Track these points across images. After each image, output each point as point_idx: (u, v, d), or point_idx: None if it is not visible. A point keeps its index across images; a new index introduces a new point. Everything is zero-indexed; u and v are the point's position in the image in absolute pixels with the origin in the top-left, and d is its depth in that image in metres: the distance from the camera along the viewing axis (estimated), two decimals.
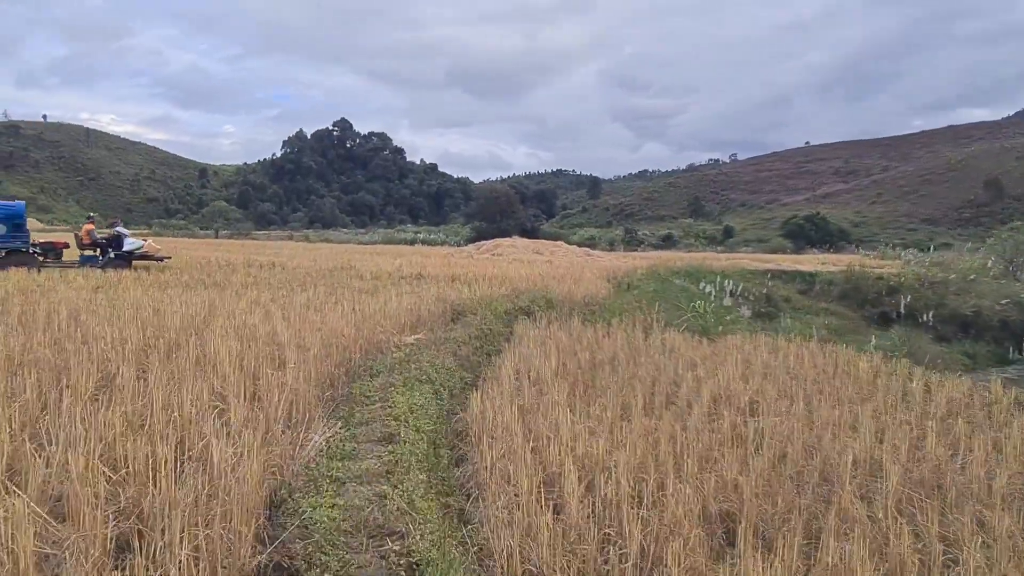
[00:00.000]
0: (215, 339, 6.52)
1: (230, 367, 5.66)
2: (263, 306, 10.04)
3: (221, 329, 7.34)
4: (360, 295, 12.10)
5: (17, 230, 18.81)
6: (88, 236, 20.34)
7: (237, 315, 8.51)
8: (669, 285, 21.36)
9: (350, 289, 13.59)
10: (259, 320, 8.20)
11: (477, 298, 12.06)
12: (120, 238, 20.43)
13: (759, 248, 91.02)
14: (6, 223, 18.57)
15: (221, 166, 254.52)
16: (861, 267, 33.31)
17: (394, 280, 16.77)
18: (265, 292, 12.37)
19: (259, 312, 9.08)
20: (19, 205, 19.85)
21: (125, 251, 20.21)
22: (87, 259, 20.06)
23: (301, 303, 10.50)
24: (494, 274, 18.93)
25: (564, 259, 32.80)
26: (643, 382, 6.90)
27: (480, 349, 8.40)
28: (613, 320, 11.24)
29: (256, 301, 10.76)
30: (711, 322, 12.97)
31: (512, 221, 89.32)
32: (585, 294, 15.30)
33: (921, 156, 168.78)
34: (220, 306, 9.53)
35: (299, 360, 5.93)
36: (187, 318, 8.19)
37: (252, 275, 16.67)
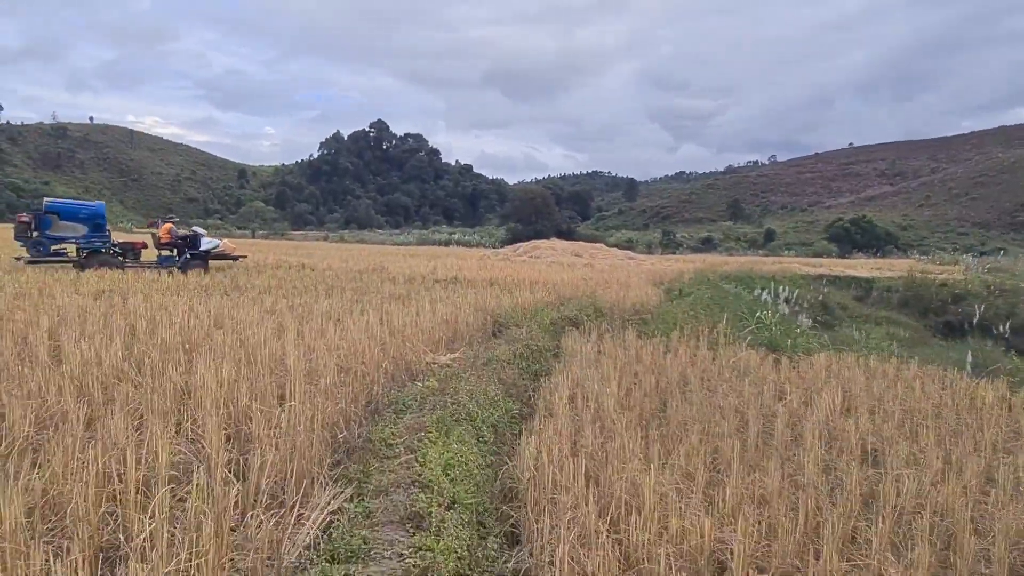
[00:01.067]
0: (209, 361, 5.41)
1: (213, 405, 4.49)
2: (278, 316, 9.00)
3: (220, 347, 6.29)
4: (390, 302, 11.03)
5: (98, 230, 18.54)
6: (169, 235, 20.01)
7: (245, 328, 7.49)
8: (721, 292, 19.92)
9: (379, 295, 12.59)
10: (269, 334, 7.15)
11: (519, 307, 10.94)
12: (197, 237, 20.07)
13: (802, 252, 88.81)
14: (87, 223, 18.30)
15: (259, 167, 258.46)
16: (922, 273, 31.31)
17: (427, 284, 15.74)
18: (285, 298, 11.42)
19: (271, 323, 8.02)
20: (99, 205, 19.47)
21: (202, 250, 19.92)
22: (165, 259, 19.78)
23: (322, 312, 9.43)
24: (535, 278, 17.78)
25: (604, 262, 31.47)
26: (726, 415, 5.65)
27: (527, 370, 7.21)
28: (672, 333, 9.96)
29: (271, 309, 9.76)
30: (777, 335, 11.58)
31: (548, 223, 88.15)
32: (635, 302, 14.04)
33: (971, 158, 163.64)
34: (229, 316, 8.50)
35: (305, 394, 4.79)
36: (186, 331, 7.16)
37: (277, 277, 15.71)
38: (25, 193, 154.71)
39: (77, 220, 18.24)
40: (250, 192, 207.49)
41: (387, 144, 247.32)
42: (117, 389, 4.98)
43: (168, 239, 19.98)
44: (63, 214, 18.15)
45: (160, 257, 20.03)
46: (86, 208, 18.96)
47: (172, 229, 20.29)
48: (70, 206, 19.07)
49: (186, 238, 20.08)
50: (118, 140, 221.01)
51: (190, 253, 19.65)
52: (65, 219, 18.04)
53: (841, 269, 36.60)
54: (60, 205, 18.84)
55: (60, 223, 17.90)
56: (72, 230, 18.11)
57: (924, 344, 23.54)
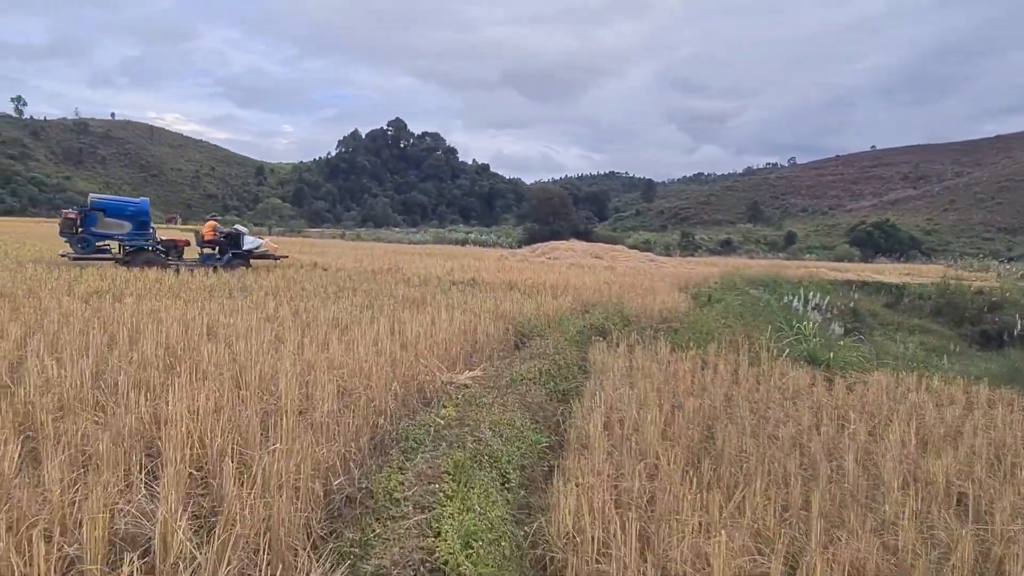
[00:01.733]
0: (188, 383, 4.58)
1: (179, 447, 3.52)
2: (279, 323, 8.21)
3: (206, 363, 5.51)
4: (404, 306, 10.34)
5: (142, 228, 18.29)
6: (213, 233, 19.75)
7: (239, 339, 6.69)
8: (751, 298, 19.05)
9: (392, 298, 11.87)
10: (265, 346, 6.37)
11: (542, 314, 10.20)
12: (240, 236, 19.82)
13: (824, 255, 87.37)
14: (132, 220, 18.04)
15: (277, 164, 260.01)
16: (957, 280, 30.15)
17: (444, 287, 15.01)
18: (291, 302, 10.73)
19: (270, 333, 7.28)
20: (143, 202, 19.18)
21: (245, 249, 19.71)
22: (207, 258, 19.56)
23: (328, 319, 8.66)
24: (555, 281, 16.99)
25: (625, 264, 30.60)
26: (785, 449, 4.89)
27: (555, 390, 6.46)
28: (709, 346, 9.17)
29: (273, 315, 8.94)
30: (817, 347, 10.75)
31: (565, 223, 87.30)
32: (662, 308, 13.21)
33: (997, 161, 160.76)
34: (224, 323, 7.77)
35: (295, 430, 3.95)
36: (172, 342, 6.37)
37: (287, 277, 15.00)
38: (47, 188, 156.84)
39: (122, 217, 17.98)
40: (268, 189, 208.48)
41: (404, 143, 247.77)
42: (68, 421, 4.10)
43: (212, 237, 19.67)
44: (109, 211, 17.90)
45: (202, 255, 19.77)
46: (131, 205, 18.69)
47: (216, 227, 20.02)
48: (116, 203, 18.77)
49: (228, 236, 19.79)
50: (139, 136, 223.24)
51: (233, 252, 19.42)
52: (111, 216, 17.78)
53: (869, 274, 35.46)
54: (106, 201, 18.51)
55: (105, 220, 17.67)
56: (118, 227, 17.86)
57: (960, 355, 22.51)
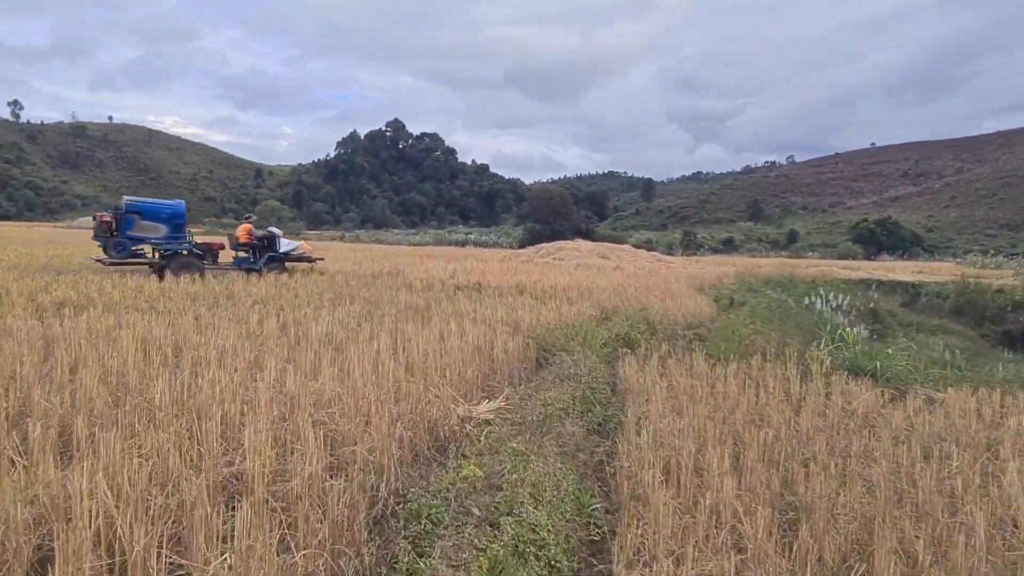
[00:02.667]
0: (111, 446, 3.28)
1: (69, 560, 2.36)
2: (261, 342, 6.91)
3: (153, 409, 4.24)
4: (407, 316, 9.31)
5: (178, 231, 17.68)
6: (248, 236, 19.10)
7: (207, 365, 5.45)
8: (771, 299, 18.08)
9: (394, 306, 10.80)
10: (237, 376, 5.10)
11: (561, 323, 9.21)
12: (275, 239, 19.22)
13: (827, 254, 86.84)
14: (167, 223, 17.45)
15: (276, 166, 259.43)
16: (976, 279, 29.17)
17: (448, 291, 13.99)
18: (281, 312, 9.67)
19: (247, 357, 6.03)
20: (179, 204, 18.57)
21: (281, 252, 19.23)
22: (241, 261, 18.96)
23: (320, 335, 7.39)
24: (566, 284, 15.94)
25: (633, 264, 29.57)
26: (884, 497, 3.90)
27: (592, 421, 5.44)
28: (752, 358, 8.19)
29: (254, 332, 7.57)
30: (859, 355, 9.77)
31: (566, 223, 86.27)
32: (685, 313, 12.20)
33: (997, 158, 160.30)
34: (195, 343, 6.50)
35: (260, 522, 2.80)
36: (121, 373, 5.17)
37: (280, 283, 13.90)
38: (43, 192, 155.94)
39: (158, 220, 17.38)
40: (267, 191, 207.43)
41: (403, 143, 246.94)
42: None
43: (247, 240, 19.05)
44: (145, 213, 17.29)
45: (236, 259, 19.17)
46: (166, 207, 18.07)
47: (251, 229, 19.34)
48: (151, 205, 18.16)
49: (263, 239, 19.19)
50: (136, 139, 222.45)
51: (269, 255, 18.77)
52: (147, 219, 17.21)
53: (881, 273, 34.47)
54: (141, 204, 17.89)
55: (141, 223, 17.09)
56: (153, 230, 17.26)
57: (983, 356, 21.56)
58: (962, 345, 22.39)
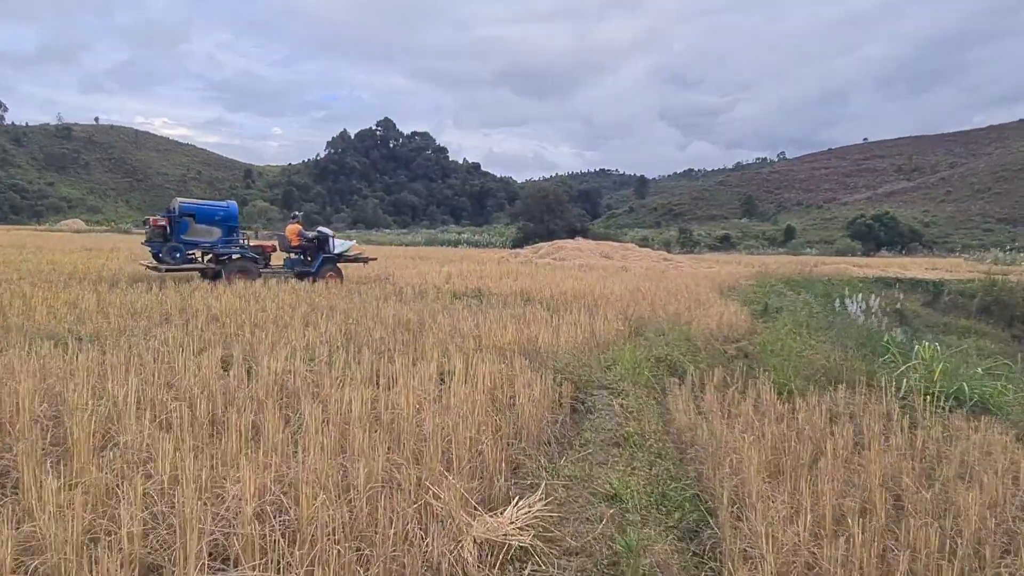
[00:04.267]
0: None
1: None
2: (183, 395, 4.81)
3: None
4: (394, 341, 7.65)
5: (232, 234, 16.83)
6: (298, 237, 18.10)
7: (101, 426, 3.81)
8: (806, 304, 16.50)
9: (380, 323, 8.96)
10: (104, 483, 3.28)
11: (588, 342, 7.55)
12: (327, 239, 18.12)
13: (824, 250, 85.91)
14: (221, 226, 16.56)
15: (266, 167, 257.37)
16: (1003, 276, 27.71)
17: (444, 301, 12.18)
18: (238, 335, 7.89)
19: (147, 424, 4.07)
20: (232, 206, 17.46)
21: (336, 253, 18.13)
22: (294, 263, 18.12)
23: (268, 382, 5.31)
24: (577, 289, 14.27)
25: (638, 264, 27.93)
26: None
27: (679, 528, 3.64)
28: (816, 383, 6.58)
29: (177, 378, 5.37)
30: (936, 374, 8.15)
31: (560, 221, 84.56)
32: (720, 323, 10.55)
33: (991, 152, 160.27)
34: (59, 399, 4.51)
35: None
36: None
37: (249, 294, 11.80)
38: (29, 194, 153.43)
39: (212, 223, 16.50)
40: (256, 192, 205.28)
41: (394, 143, 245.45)
42: None
43: (298, 242, 18.04)
44: (199, 216, 16.38)
45: (288, 261, 18.36)
46: (220, 208, 17.05)
47: (301, 231, 18.26)
48: (206, 207, 17.13)
49: (314, 240, 18.14)
50: (124, 141, 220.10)
51: (323, 256, 17.73)
52: (200, 221, 16.34)
53: (896, 270, 33.03)
54: (195, 206, 16.88)
55: (196, 226, 16.26)
56: (208, 234, 16.42)
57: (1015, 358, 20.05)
58: (997, 349, 20.90)
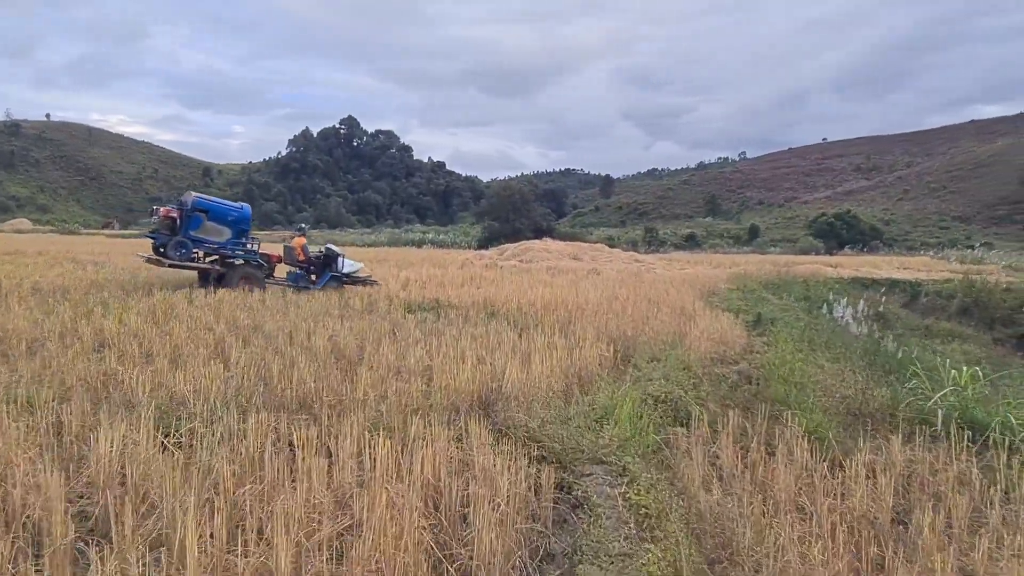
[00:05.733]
0: None
1: None
2: None
3: None
4: (317, 384, 5.87)
5: (241, 237, 16.03)
6: (303, 252, 17.23)
7: None
8: (798, 312, 15.29)
9: (308, 353, 7.10)
10: None
11: (569, 379, 6.03)
12: (335, 257, 17.31)
13: (788, 248, 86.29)
14: (233, 228, 15.76)
15: (226, 165, 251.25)
16: (980, 276, 27.04)
17: (396, 317, 10.37)
18: (109, 379, 6.08)
19: None
20: (245, 208, 16.54)
21: (344, 273, 17.21)
22: (297, 277, 17.20)
23: (111, 459, 3.60)
24: (547, 299, 12.68)
25: (609, 266, 26.55)
26: None
27: None
28: (851, 427, 5.23)
29: None
30: (970, 399, 6.94)
31: (526, 220, 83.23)
32: (713, 338, 9.15)
33: (945, 152, 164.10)
34: None
35: None
36: None
37: (160, 311, 10.14)
38: None
39: (224, 223, 15.68)
40: (216, 191, 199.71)
41: (357, 141, 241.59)
42: None
43: (304, 257, 17.19)
44: (212, 214, 15.56)
45: (291, 275, 17.41)
46: (234, 209, 16.21)
47: (305, 246, 17.35)
48: (220, 205, 16.32)
49: (319, 258, 17.34)
50: (76, 138, 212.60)
51: (330, 275, 16.84)
52: (212, 220, 15.51)
53: (869, 269, 32.31)
54: (210, 203, 16.04)
55: (207, 224, 15.43)
56: (218, 233, 15.59)
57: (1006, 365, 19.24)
58: (983, 354, 20.07)
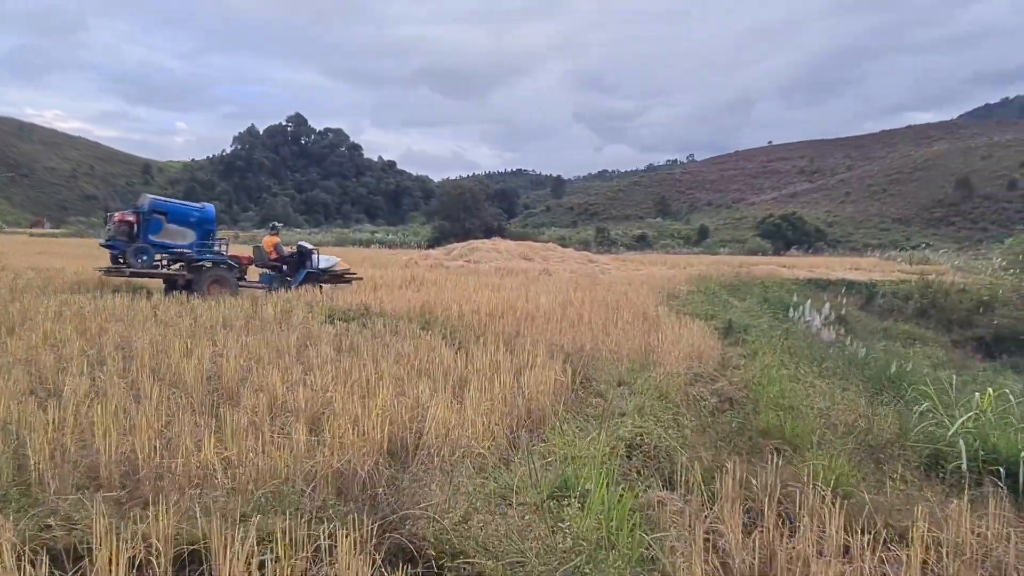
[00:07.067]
0: None
1: None
2: None
3: None
4: (179, 414, 4.59)
5: (207, 239, 15.17)
6: (276, 251, 16.55)
7: None
8: (771, 319, 14.23)
9: (180, 386, 5.61)
10: None
11: (523, 422, 4.60)
12: (308, 254, 16.64)
13: (737, 249, 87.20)
14: (196, 229, 14.90)
15: (167, 163, 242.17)
16: (936, 276, 26.69)
17: (314, 322, 9.01)
18: None
19: None
20: (209, 209, 15.80)
21: (320, 269, 16.52)
22: (271, 278, 16.37)
23: None
24: (493, 304, 11.22)
25: (562, 267, 25.26)
26: None
27: None
28: (866, 467, 4.01)
29: None
30: (989, 424, 5.84)
31: (477, 220, 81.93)
32: (683, 352, 7.83)
33: (884, 156, 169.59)
34: None
35: None
36: None
37: (21, 315, 8.81)
38: None
39: (186, 224, 14.88)
40: (157, 190, 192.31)
41: (305, 139, 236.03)
42: None
43: (276, 257, 16.51)
44: (172, 215, 14.73)
45: (264, 276, 16.66)
46: (196, 210, 15.46)
47: (277, 244, 16.70)
48: (180, 206, 15.68)
49: (294, 255, 16.72)
50: (5, 132, 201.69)
51: (306, 272, 16.13)
52: (173, 222, 14.67)
53: (823, 270, 31.88)
54: (168, 204, 15.38)
55: (168, 227, 14.55)
56: (181, 236, 14.74)
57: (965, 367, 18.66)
58: (946, 357, 19.49)
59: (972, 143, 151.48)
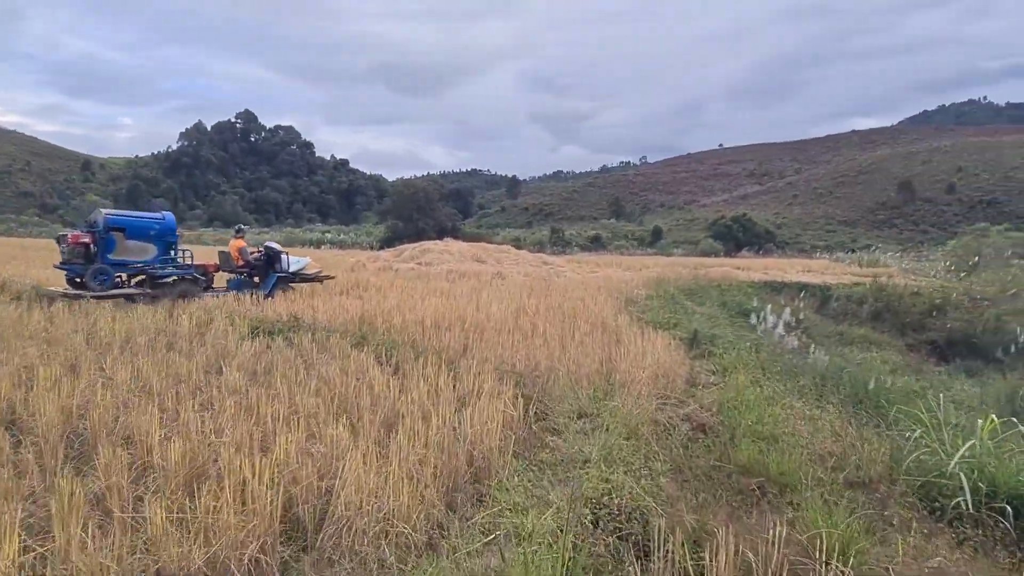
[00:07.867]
0: None
1: None
2: None
3: None
4: None
5: (169, 251, 14.37)
6: (240, 256, 15.69)
7: None
8: (737, 328, 13.68)
9: (29, 431, 4.42)
10: None
11: (465, 476, 3.73)
12: (276, 256, 15.78)
13: (690, 250, 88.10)
14: (157, 242, 14.08)
15: (109, 159, 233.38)
16: (890, 279, 26.74)
17: (233, 337, 7.98)
18: None
19: None
20: (169, 219, 14.89)
21: (291, 272, 15.81)
22: (239, 284, 15.72)
23: None
24: (441, 313, 10.29)
25: (515, 269, 24.45)
26: None
27: None
28: None
29: None
30: (986, 451, 5.26)
31: (431, 220, 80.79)
32: (648, 371, 7.09)
33: (829, 160, 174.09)
34: None
35: None
36: None
37: None
38: None
39: (146, 239, 14.05)
40: (97, 187, 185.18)
41: (255, 136, 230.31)
42: None
43: (242, 261, 15.68)
44: (130, 231, 13.84)
45: (232, 282, 15.98)
46: (155, 221, 14.57)
47: (243, 248, 15.88)
48: (138, 220, 14.59)
49: (261, 258, 15.86)
50: None
51: (276, 276, 15.41)
52: (132, 237, 13.84)
53: (777, 273, 31.81)
54: (125, 219, 14.29)
55: (126, 243, 13.73)
56: (141, 252, 13.94)
57: (918, 371, 18.53)
58: (902, 361, 19.33)
59: (913, 148, 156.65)
